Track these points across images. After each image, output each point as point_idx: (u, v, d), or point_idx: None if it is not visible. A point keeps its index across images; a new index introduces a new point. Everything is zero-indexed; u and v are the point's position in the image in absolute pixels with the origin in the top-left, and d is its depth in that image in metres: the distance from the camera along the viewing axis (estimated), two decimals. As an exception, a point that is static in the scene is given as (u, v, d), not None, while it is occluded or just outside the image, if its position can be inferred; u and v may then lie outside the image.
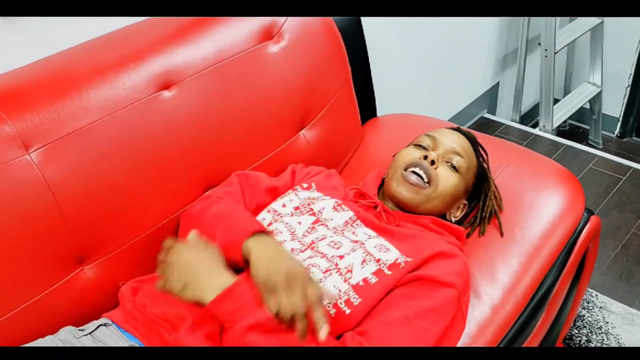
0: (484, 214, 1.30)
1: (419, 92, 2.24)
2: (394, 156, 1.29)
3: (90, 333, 1.02)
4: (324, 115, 1.45)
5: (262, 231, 1.04)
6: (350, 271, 1.06)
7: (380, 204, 1.21)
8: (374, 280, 1.05)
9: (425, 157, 1.20)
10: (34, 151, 1.05)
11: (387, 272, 1.06)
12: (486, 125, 2.67)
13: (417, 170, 1.19)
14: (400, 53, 2.08)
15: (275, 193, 1.27)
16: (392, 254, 1.09)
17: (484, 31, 2.49)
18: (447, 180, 1.21)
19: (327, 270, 1.06)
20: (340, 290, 1.03)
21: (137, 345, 0.99)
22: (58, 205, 1.06)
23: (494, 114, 2.78)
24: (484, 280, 1.23)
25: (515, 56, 2.66)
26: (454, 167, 1.22)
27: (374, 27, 1.79)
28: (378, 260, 1.08)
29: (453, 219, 1.26)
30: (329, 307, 1.02)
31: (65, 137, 1.08)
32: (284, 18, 1.38)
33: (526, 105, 2.89)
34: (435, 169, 1.20)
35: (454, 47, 2.34)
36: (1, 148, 1.02)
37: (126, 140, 1.15)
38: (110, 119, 1.13)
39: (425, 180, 1.19)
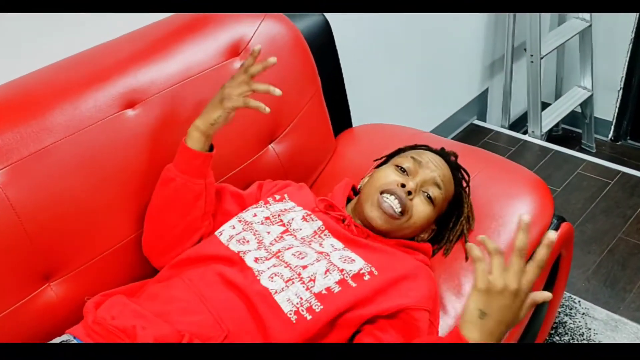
0: (451, 236, 1.29)
1: (403, 100, 2.26)
2: (375, 167, 1.30)
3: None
4: (293, 128, 1.47)
5: None
6: (313, 280, 1.08)
7: (348, 217, 1.23)
8: (337, 289, 1.07)
9: (403, 186, 1.19)
10: (-4, 172, 1.08)
11: (351, 283, 1.08)
12: (475, 132, 2.68)
13: (391, 199, 1.18)
14: (382, 61, 2.10)
15: (240, 200, 1.29)
16: (356, 265, 1.11)
17: (469, 38, 2.50)
18: (421, 212, 1.20)
19: (289, 280, 1.08)
20: (302, 299, 1.05)
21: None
22: (22, 224, 1.09)
23: (484, 120, 2.78)
24: (450, 293, 1.24)
25: (502, 62, 2.67)
26: (429, 198, 1.21)
27: (349, 36, 1.81)
28: (342, 271, 1.09)
29: (418, 240, 1.27)
30: (290, 314, 1.04)
31: (28, 157, 1.11)
32: (250, 34, 1.40)
33: (518, 110, 2.90)
34: (411, 199, 1.19)
35: (439, 54, 2.35)
36: (-38, 170, 1.05)
37: (89, 159, 1.17)
38: (73, 138, 1.15)
39: (399, 210, 1.18)
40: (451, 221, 1.30)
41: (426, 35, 2.24)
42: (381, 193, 1.19)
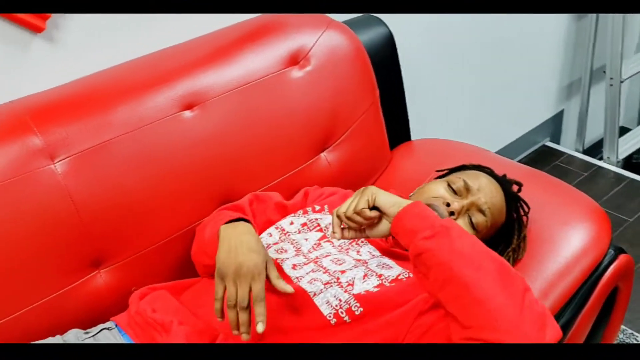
0: None
1: (469, 117, 2.22)
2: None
3: (92, 336, 1.09)
4: (347, 138, 1.48)
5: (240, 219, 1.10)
6: (352, 285, 1.08)
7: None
8: (375, 291, 1.06)
9: (449, 205, 1.16)
10: (58, 161, 1.15)
11: (389, 284, 1.08)
12: (547, 154, 2.59)
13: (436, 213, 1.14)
14: (447, 75, 2.07)
15: (284, 210, 1.30)
16: (394, 271, 1.11)
17: (547, 55, 2.43)
18: None
19: (327, 283, 1.09)
20: (340, 300, 1.05)
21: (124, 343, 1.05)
22: (77, 212, 1.15)
23: (557, 142, 2.69)
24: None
25: (580, 84, 2.58)
26: (472, 224, 1.18)
27: (413, 48, 1.80)
28: (380, 276, 1.09)
29: None
30: (330, 317, 1.05)
31: (89, 150, 1.17)
32: (311, 44, 1.43)
33: (595, 135, 2.78)
34: (454, 220, 1.16)
35: (512, 70, 2.30)
36: (28, 158, 1.12)
37: (146, 156, 1.23)
38: (132, 134, 1.21)
39: None
40: (497, 250, 1.26)
41: (499, 49, 2.20)
42: None
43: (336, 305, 1.05)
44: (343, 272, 1.11)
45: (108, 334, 1.09)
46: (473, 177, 1.23)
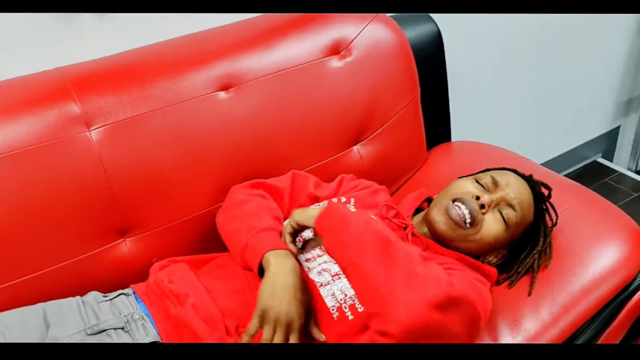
0: (520, 268, 1.23)
1: (517, 124, 2.16)
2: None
3: (110, 299, 1.13)
4: (382, 133, 1.47)
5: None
6: None
7: (410, 226, 1.21)
8: None
9: (478, 198, 1.15)
10: (94, 129, 1.18)
11: None
12: (597, 171, 2.51)
13: (462, 207, 1.15)
14: (497, 79, 2.01)
15: (316, 201, 1.31)
16: None
17: (606, 68, 2.34)
18: (490, 230, 1.15)
19: (336, 274, 1.09)
20: (346, 295, 1.06)
21: (143, 316, 1.08)
22: (108, 180, 1.19)
23: (610, 159, 2.60)
24: (504, 325, 1.18)
25: (640, 101, 2.48)
26: (503, 218, 1.16)
27: (462, 50, 1.77)
28: None
29: (483, 261, 1.21)
30: (333, 310, 1.05)
31: (124, 121, 1.21)
32: (353, 35, 1.42)
33: (653, 155, 2.67)
34: (484, 213, 1.15)
35: (567, 80, 2.22)
36: (66, 123, 1.16)
37: (179, 131, 1.25)
38: (167, 109, 1.24)
39: (468, 221, 1.14)
40: (524, 252, 1.24)
41: (556, 56, 2.13)
42: (453, 201, 1.16)
43: (341, 300, 1.05)
44: None
45: (125, 299, 1.13)
46: (500, 174, 1.21)
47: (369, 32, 1.45)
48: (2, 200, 1.12)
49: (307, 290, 1.06)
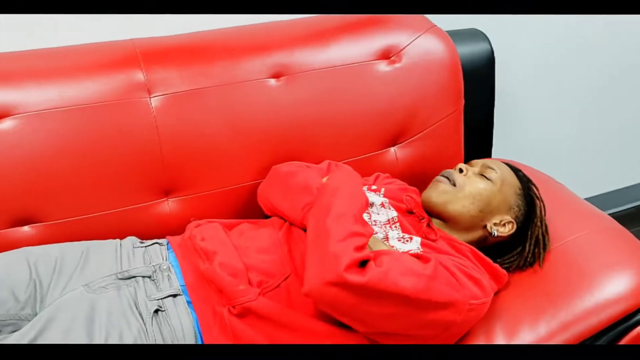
0: (530, 241, 1.32)
1: (567, 151, 2.15)
2: None
3: (145, 246, 1.26)
4: (420, 139, 1.55)
5: None
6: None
7: (426, 218, 1.30)
8: None
9: (456, 167, 1.34)
10: (154, 97, 1.33)
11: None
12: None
13: (444, 175, 1.32)
14: (553, 102, 2.02)
15: None
16: (408, 245, 1.20)
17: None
18: (474, 184, 1.31)
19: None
20: None
21: (170, 267, 1.20)
22: (160, 144, 1.33)
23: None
24: (501, 331, 1.23)
25: None
26: (485, 177, 1.31)
27: (514, 70, 1.81)
28: (391, 247, 1.19)
29: (496, 233, 1.29)
30: None
31: (182, 93, 1.35)
32: (406, 43, 1.51)
33: None
34: (464, 175, 1.33)
35: (633, 112, 2.18)
36: (130, 87, 1.31)
37: (231, 109, 1.38)
38: (222, 88, 1.37)
39: (452, 183, 1.30)
40: (529, 226, 1.33)
41: (620, 82, 2.09)
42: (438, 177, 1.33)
43: None
44: None
45: (158, 249, 1.25)
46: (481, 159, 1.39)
47: (422, 42, 1.53)
48: (68, 146, 1.27)
49: None
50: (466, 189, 1.29)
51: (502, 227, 1.31)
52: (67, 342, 1.02)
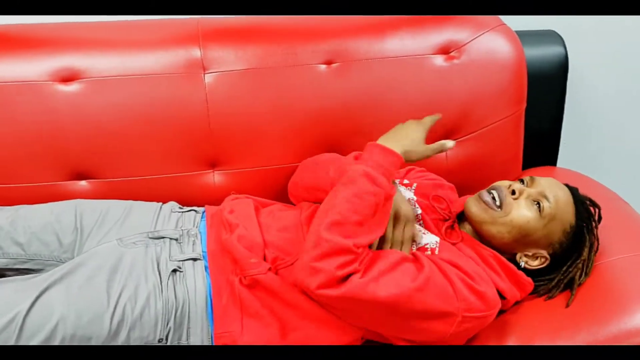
0: (561, 277, 1.23)
1: None
2: None
3: (183, 212, 1.35)
4: (473, 139, 1.51)
5: None
6: None
7: (451, 218, 1.28)
8: None
9: (510, 186, 1.23)
10: (208, 73, 1.41)
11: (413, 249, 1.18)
12: None
13: (494, 193, 1.22)
14: (634, 115, 1.90)
15: None
16: (427, 239, 1.20)
17: None
18: (521, 212, 1.20)
19: None
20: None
21: (197, 234, 1.27)
22: (209, 118, 1.41)
23: None
24: (513, 344, 1.19)
25: None
26: (537, 206, 1.20)
27: (595, 76, 1.71)
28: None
29: (523, 264, 1.23)
30: None
31: (235, 72, 1.42)
32: (469, 39, 1.48)
33: None
34: (515, 199, 1.21)
35: None
36: (187, 63, 1.41)
37: (280, 91, 1.43)
38: (274, 70, 1.43)
39: (497, 203, 1.21)
40: (567, 263, 1.24)
41: None
42: (488, 190, 1.24)
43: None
44: None
45: (192, 215, 1.33)
46: (542, 177, 1.27)
47: (485, 40, 1.49)
48: (126, 111, 1.39)
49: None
50: (510, 216, 1.20)
51: (533, 259, 1.24)
52: (87, 287, 1.13)
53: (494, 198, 1.21)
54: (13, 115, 1.35)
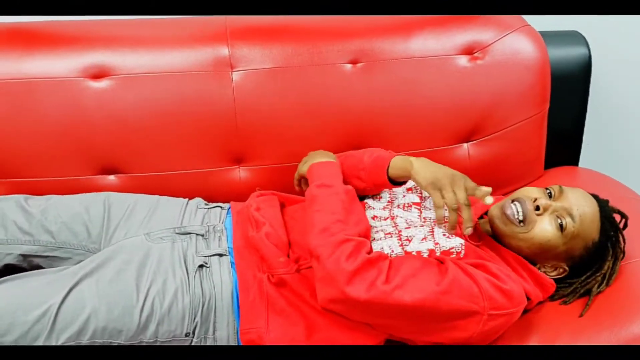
0: (578, 287, 1.24)
1: None
2: None
3: (208, 208, 1.37)
4: (496, 138, 1.52)
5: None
6: (409, 240, 1.20)
7: (474, 221, 1.29)
8: (425, 255, 1.18)
9: (535, 200, 1.21)
10: (235, 71, 1.43)
11: (437, 254, 1.18)
12: None
13: (517, 206, 1.21)
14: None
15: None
16: (451, 242, 1.19)
17: None
18: (542, 231, 1.19)
19: (389, 233, 1.22)
20: (392, 251, 1.18)
21: (223, 230, 1.30)
22: (235, 115, 1.43)
23: None
24: (536, 343, 1.20)
25: None
26: (560, 225, 1.20)
27: (618, 76, 1.71)
28: (436, 244, 1.19)
29: (542, 271, 1.24)
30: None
31: (261, 70, 1.44)
32: (493, 40, 1.48)
33: None
34: (538, 215, 1.20)
35: None
36: (215, 61, 1.43)
37: (306, 89, 1.45)
38: (300, 69, 1.45)
39: (520, 218, 1.20)
40: (586, 273, 1.24)
41: None
42: (512, 201, 1.22)
43: (388, 254, 1.16)
44: (408, 227, 1.23)
45: (218, 212, 1.36)
46: (571, 188, 1.24)
47: (509, 41, 1.50)
48: (155, 108, 1.41)
49: None
50: (531, 233, 1.19)
51: (552, 270, 1.24)
52: (117, 281, 1.16)
53: (516, 212, 1.20)
54: (45, 112, 1.38)
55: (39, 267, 1.29)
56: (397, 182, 1.28)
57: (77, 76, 1.39)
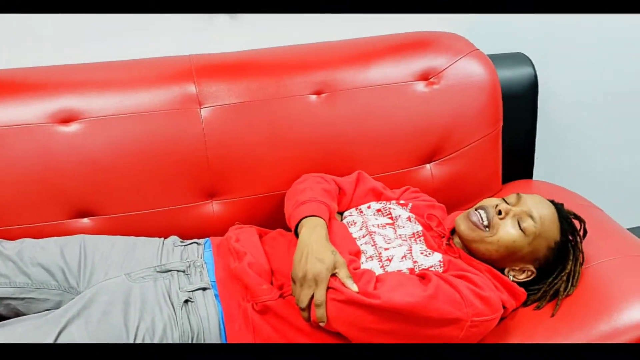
0: (547, 288, 1.31)
1: (617, 181, 2.12)
2: None
3: (184, 246, 1.38)
4: (455, 157, 1.60)
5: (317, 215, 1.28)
6: (390, 260, 1.25)
7: (447, 235, 1.35)
8: (405, 274, 1.22)
9: (497, 206, 1.29)
10: (204, 108, 1.46)
11: (416, 272, 1.23)
12: None
13: (481, 213, 1.29)
14: (601, 129, 2.02)
15: (378, 196, 1.48)
16: (430, 260, 1.25)
17: None
18: (507, 233, 1.27)
19: (370, 257, 1.27)
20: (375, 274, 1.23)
21: (203, 264, 1.31)
22: (206, 150, 1.46)
23: None
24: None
25: None
26: (520, 227, 1.27)
27: (563, 94, 1.81)
28: (415, 262, 1.25)
29: (511, 278, 1.31)
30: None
31: (228, 105, 1.47)
32: (445, 65, 1.57)
33: None
34: (501, 219, 1.28)
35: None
36: (183, 99, 1.46)
37: (273, 122, 1.49)
38: (265, 102, 1.49)
39: (485, 223, 1.28)
40: (552, 275, 1.32)
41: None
42: (476, 209, 1.30)
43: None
44: (387, 249, 1.27)
45: (195, 248, 1.37)
46: (528, 194, 1.33)
47: (461, 65, 1.59)
48: (125, 149, 1.42)
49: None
50: (496, 236, 1.27)
51: (520, 273, 1.31)
52: (105, 321, 1.16)
53: (481, 218, 1.29)
54: (15, 159, 1.37)
55: (16, 310, 1.28)
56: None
57: (45, 122, 1.39)
